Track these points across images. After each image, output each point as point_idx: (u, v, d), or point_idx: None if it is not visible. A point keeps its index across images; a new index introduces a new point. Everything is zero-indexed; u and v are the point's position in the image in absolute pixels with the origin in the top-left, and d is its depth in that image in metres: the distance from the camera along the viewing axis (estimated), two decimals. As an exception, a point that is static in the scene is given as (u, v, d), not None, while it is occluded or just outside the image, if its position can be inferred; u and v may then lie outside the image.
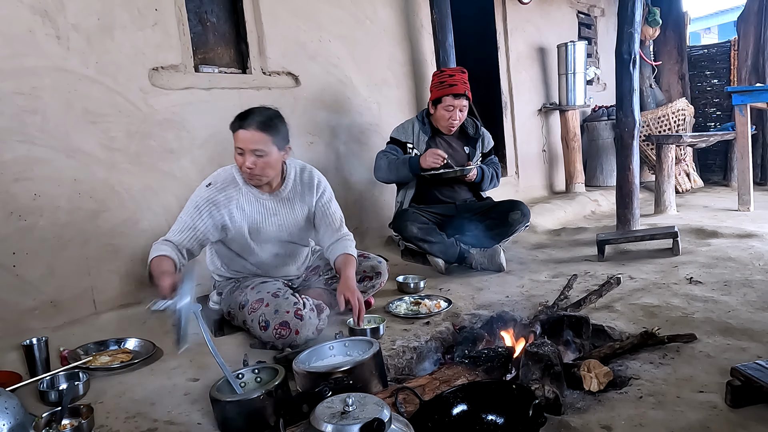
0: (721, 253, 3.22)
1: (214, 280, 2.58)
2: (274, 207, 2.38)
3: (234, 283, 2.47)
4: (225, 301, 2.46)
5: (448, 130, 3.45)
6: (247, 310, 2.29)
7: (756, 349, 1.94)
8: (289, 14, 3.51)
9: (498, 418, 1.59)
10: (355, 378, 1.65)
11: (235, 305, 2.37)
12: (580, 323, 2.13)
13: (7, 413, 1.51)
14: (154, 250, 2.14)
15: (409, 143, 3.45)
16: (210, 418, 1.72)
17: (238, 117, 2.22)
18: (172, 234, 2.22)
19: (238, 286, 2.43)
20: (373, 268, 2.62)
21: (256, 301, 2.27)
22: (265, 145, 2.19)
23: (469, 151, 3.54)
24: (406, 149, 3.44)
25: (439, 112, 3.40)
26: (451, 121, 3.39)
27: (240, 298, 2.35)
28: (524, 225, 3.41)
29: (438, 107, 3.40)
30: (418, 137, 3.44)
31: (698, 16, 18.22)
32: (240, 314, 2.34)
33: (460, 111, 3.38)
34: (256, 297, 2.29)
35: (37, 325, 2.47)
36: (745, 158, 4.70)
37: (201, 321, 1.82)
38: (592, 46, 6.82)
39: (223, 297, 2.49)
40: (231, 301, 2.41)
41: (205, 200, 2.26)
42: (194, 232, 2.23)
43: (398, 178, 3.42)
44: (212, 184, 2.30)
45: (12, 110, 2.43)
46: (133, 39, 2.81)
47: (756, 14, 6.14)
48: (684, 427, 1.51)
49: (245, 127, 2.17)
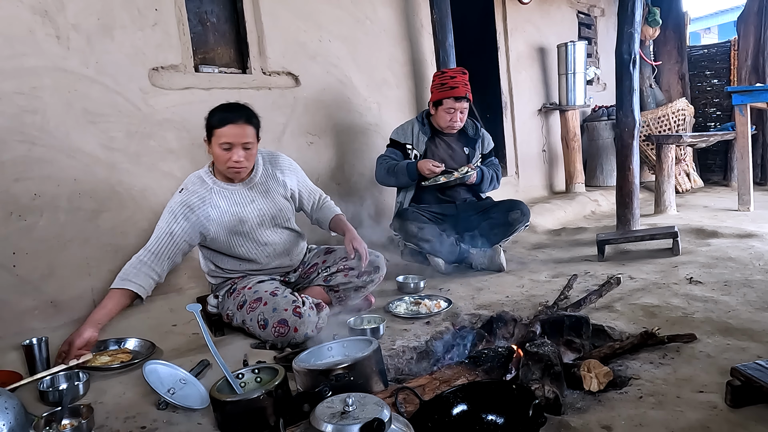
0: (721, 253, 3.22)
1: (210, 283, 2.58)
2: (249, 195, 2.40)
3: (230, 284, 2.47)
4: (222, 303, 2.46)
5: (449, 131, 3.45)
6: (245, 309, 2.30)
7: (756, 349, 1.93)
8: (289, 14, 3.52)
9: (498, 418, 1.59)
10: (356, 374, 1.65)
11: (233, 306, 2.38)
12: (580, 323, 2.13)
13: (7, 413, 1.51)
14: (119, 277, 2.14)
15: (408, 144, 3.45)
16: (210, 417, 1.72)
17: (221, 113, 2.24)
18: (150, 244, 2.23)
19: (235, 287, 2.43)
20: (371, 263, 2.63)
21: (254, 301, 2.28)
22: (253, 138, 2.28)
23: (468, 152, 3.53)
24: (406, 150, 3.44)
25: (440, 114, 3.40)
26: (452, 123, 3.39)
27: (238, 299, 2.36)
28: (524, 225, 3.41)
29: (439, 109, 3.40)
30: (417, 138, 3.44)
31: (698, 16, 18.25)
32: (239, 314, 2.34)
33: (461, 113, 3.38)
34: (254, 296, 2.30)
35: (37, 325, 2.47)
36: (745, 158, 4.70)
37: (201, 321, 1.82)
38: (592, 46, 6.82)
39: (220, 300, 2.48)
40: (228, 303, 2.41)
41: (179, 204, 2.28)
42: (172, 238, 2.24)
43: (398, 183, 3.42)
44: (184, 188, 2.34)
45: (12, 110, 2.44)
46: (133, 39, 2.81)
47: (756, 14, 6.14)
48: (684, 427, 1.51)
49: (235, 122, 2.21)
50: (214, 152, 2.28)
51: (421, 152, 3.43)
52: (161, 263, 2.21)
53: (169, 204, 2.31)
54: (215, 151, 2.27)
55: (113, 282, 2.15)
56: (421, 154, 3.43)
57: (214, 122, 2.24)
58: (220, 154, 2.25)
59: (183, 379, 1.86)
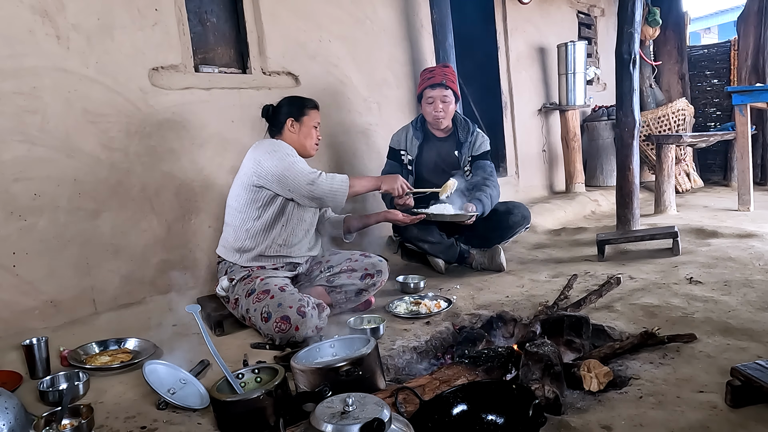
0: (721, 253, 3.22)
1: (228, 264, 2.59)
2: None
3: (248, 271, 2.52)
4: (234, 287, 2.49)
5: (437, 124, 3.40)
6: (252, 298, 2.36)
7: (756, 349, 1.94)
8: (289, 14, 3.51)
9: (498, 418, 1.59)
10: (363, 369, 1.66)
11: (242, 292, 2.43)
12: (580, 323, 2.13)
13: (7, 413, 1.52)
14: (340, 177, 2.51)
15: (402, 151, 3.45)
16: (210, 417, 1.72)
17: (307, 99, 2.70)
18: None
19: (250, 275, 2.48)
20: (374, 266, 2.64)
21: (262, 292, 2.34)
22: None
23: (458, 154, 3.49)
24: (400, 157, 3.44)
25: (424, 107, 3.41)
26: (435, 113, 3.34)
27: (248, 286, 2.42)
28: (524, 227, 3.41)
29: (423, 104, 3.41)
30: (411, 143, 3.44)
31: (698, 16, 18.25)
32: (245, 302, 2.39)
33: (442, 102, 3.32)
34: (263, 287, 2.37)
35: (37, 325, 2.47)
36: (745, 158, 4.70)
37: (200, 321, 1.82)
38: (592, 46, 6.82)
39: (234, 283, 2.50)
40: (239, 288, 2.46)
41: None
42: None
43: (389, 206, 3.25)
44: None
45: (12, 110, 2.43)
46: (133, 39, 2.81)
47: (756, 14, 6.13)
48: (684, 427, 1.51)
49: (318, 108, 2.71)
50: (304, 129, 2.64)
51: (413, 156, 3.42)
52: None
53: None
54: (307, 128, 2.64)
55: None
56: (413, 158, 3.42)
57: (309, 103, 2.67)
58: (311, 132, 2.66)
59: (183, 379, 1.87)
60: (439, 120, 3.37)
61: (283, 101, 2.70)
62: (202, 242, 3.04)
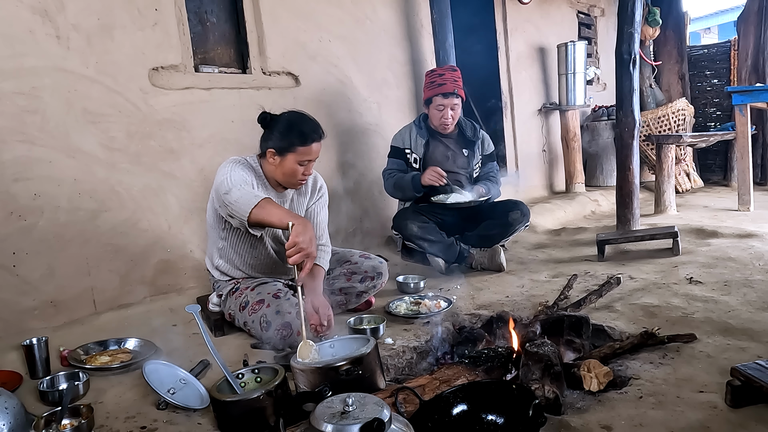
0: (721, 253, 3.22)
1: (214, 279, 2.57)
2: (278, 199, 2.43)
3: (233, 284, 2.47)
4: (225, 303, 2.46)
5: (443, 129, 3.44)
6: (248, 310, 2.30)
7: (756, 349, 1.94)
8: (289, 14, 3.51)
9: (498, 418, 1.59)
10: (363, 369, 1.66)
11: (235, 307, 2.38)
12: (580, 323, 2.13)
13: (7, 413, 1.52)
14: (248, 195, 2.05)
15: (407, 149, 3.45)
16: (210, 417, 1.72)
17: (301, 129, 2.25)
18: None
19: (238, 287, 2.43)
20: (374, 268, 2.63)
21: (256, 302, 2.28)
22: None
23: (468, 153, 3.52)
24: (406, 156, 3.44)
25: (432, 112, 3.41)
26: (443, 120, 3.38)
27: (240, 299, 2.36)
28: (524, 225, 3.41)
29: (430, 107, 3.41)
30: (415, 141, 3.44)
31: (698, 16, 18.23)
32: (240, 316, 2.35)
33: (451, 110, 3.37)
34: (256, 298, 2.30)
35: (37, 325, 2.47)
36: (745, 158, 4.70)
37: (200, 322, 1.82)
38: (592, 46, 6.82)
39: (222, 299, 2.48)
40: (231, 303, 2.41)
41: (237, 163, 2.26)
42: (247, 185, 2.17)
43: (405, 197, 3.43)
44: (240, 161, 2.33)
45: (12, 110, 2.44)
46: (133, 39, 2.81)
47: (756, 14, 6.13)
48: (684, 427, 1.51)
49: (319, 140, 2.29)
50: (286, 165, 2.27)
51: (420, 155, 3.42)
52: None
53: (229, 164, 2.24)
54: (290, 166, 2.26)
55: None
56: (420, 157, 3.42)
57: (308, 138, 2.25)
58: (295, 169, 2.27)
59: (183, 379, 1.87)
60: (447, 126, 3.43)
61: (281, 119, 2.31)
62: (202, 242, 3.04)
